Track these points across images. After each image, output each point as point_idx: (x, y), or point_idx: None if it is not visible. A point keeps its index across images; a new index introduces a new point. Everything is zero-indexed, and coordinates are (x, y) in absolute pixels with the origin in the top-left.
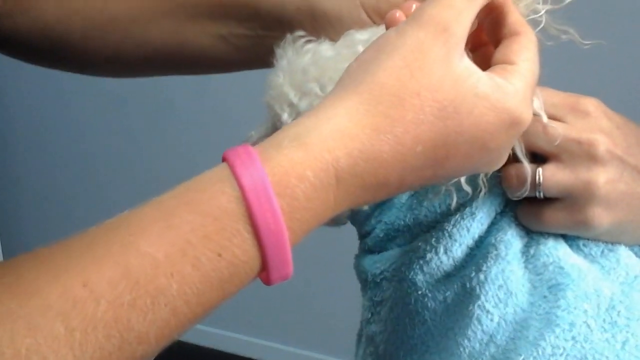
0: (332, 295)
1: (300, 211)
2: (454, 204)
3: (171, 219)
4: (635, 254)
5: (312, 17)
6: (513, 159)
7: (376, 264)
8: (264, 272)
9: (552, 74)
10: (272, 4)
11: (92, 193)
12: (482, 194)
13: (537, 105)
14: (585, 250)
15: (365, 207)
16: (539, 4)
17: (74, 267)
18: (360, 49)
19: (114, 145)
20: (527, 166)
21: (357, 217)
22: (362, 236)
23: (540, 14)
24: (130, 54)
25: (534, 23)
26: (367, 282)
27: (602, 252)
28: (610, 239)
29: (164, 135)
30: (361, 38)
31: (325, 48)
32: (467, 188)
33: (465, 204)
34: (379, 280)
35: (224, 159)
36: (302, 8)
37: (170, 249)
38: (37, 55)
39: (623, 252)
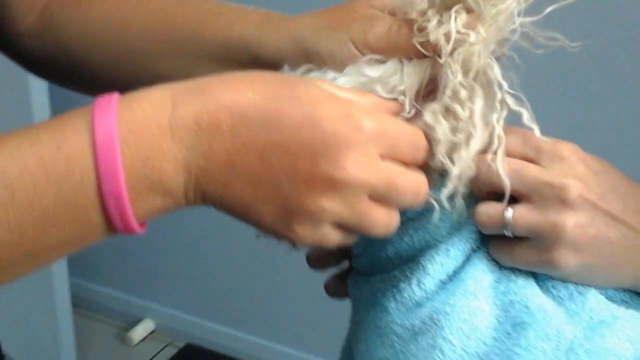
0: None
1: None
2: (436, 218)
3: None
4: (610, 297)
5: (307, 58)
6: (486, 195)
7: (358, 285)
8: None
9: (546, 79)
10: (271, 49)
11: None
12: (458, 214)
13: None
14: (554, 292)
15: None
16: (518, 16)
17: None
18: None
19: None
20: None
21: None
22: (352, 257)
23: (524, 25)
24: (142, 84)
25: (521, 35)
26: (352, 302)
27: (571, 295)
28: (580, 281)
29: None
30: (372, 75)
31: (333, 76)
32: (447, 205)
33: (441, 238)
34: (357, 302)
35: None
36: (297, 52)
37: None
38: (59, 77)
39: (592, 296)
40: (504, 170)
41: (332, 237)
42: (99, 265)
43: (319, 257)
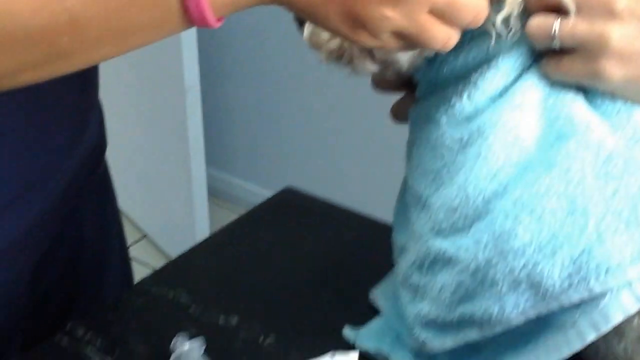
0: None
1: None
2: (492, 43)
3: None
4: None
5: None
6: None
7: (416, 108)
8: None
9: None
10: None
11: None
12: (512, 34)
13: None
14: (602, 107)
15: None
16: None
17: None
18: None
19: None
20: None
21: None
22: (413, 85)
23: None
24: None
25: None
26: (409, 126)
27: (618, 110)
28: (627, 97)
29: None
30: None
31: None
32: (501, 29)
33: (494, 56)
34: (413, 124)
35: None
36: None
37: None
38: None
39: (638, 113)
40: None
41: (392, 44)
42: (234, 157)
43: (381, 80)
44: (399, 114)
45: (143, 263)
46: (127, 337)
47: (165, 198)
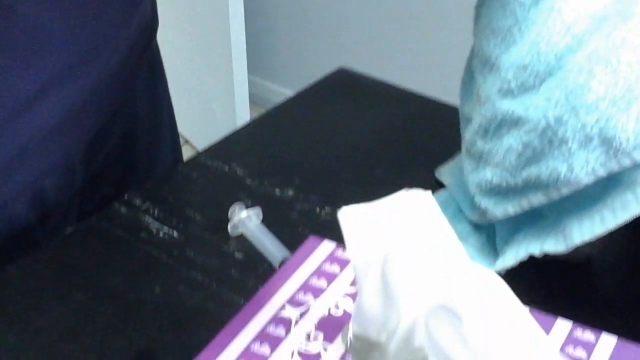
0: None
1: None
2: None
3: None
4: None
5: None
6: None
7: None
8: None
9: None
10: None
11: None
12: None
13: None
14: None
15: None
16: None
17: None
18: None
19: None
20: None
21: None
22: None
23: None
24: None
25: None
26: None
27: None
28: None
29: None
30: None
31: None
32: None
33: None
34: None
35: None
36: None
37: None
38: None
39: None
40: None
41: None
42: (276, 65)
43: None
44: None
45: None
46: (183, 207)
47: (208, 105)
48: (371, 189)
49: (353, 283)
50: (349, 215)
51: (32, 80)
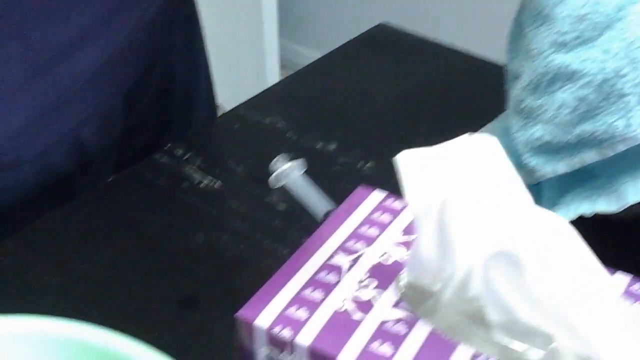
0: None
1: None
2: None
3: None
4: None
5: None
6: None
7: None
8: None
9: None
10: None
11: None
12: None
13: None
14: None
15: None
16: None
17: None
18: None
19: None
20: None
21: None
22: None
23: None
24: None
25: None
26: None
27: None
28: None
29: None
30: None
31: None
32: None
33: None
34: None
35: None
36: None
37: None
38: None
39: None
40: None
41: None
42: (307, 28)
43: None
44: None
45: None
46: (225, 158)
47: (238, 69)
48: (413, 144)
49: (406, 232)
50: (407, 159)
51: (70, 28)
